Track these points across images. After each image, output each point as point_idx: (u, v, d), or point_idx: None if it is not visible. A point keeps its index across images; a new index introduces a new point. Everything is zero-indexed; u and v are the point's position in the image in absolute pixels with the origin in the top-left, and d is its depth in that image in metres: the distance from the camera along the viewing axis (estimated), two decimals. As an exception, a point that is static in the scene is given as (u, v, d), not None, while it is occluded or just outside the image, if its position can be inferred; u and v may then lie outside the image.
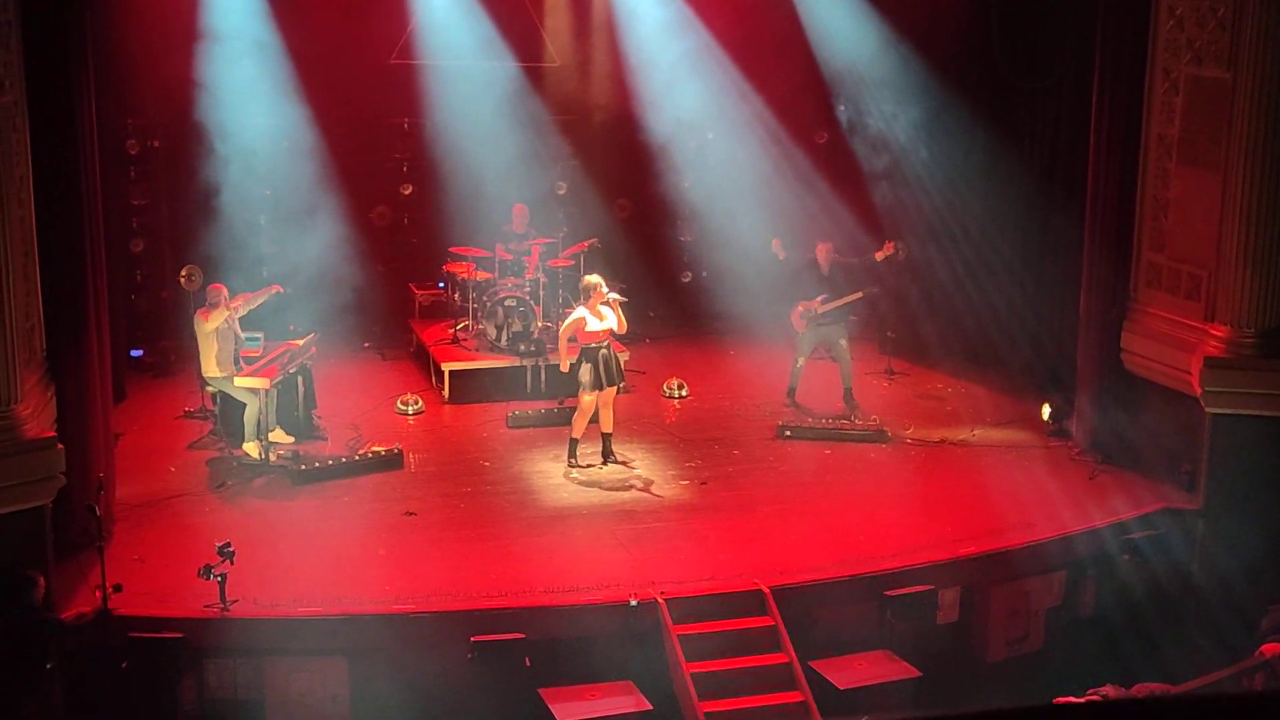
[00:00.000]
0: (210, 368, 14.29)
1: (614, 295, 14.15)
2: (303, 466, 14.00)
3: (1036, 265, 16.47)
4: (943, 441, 15.28)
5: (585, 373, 14.03)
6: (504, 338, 16.43)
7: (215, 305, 14.23)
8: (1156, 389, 14.14)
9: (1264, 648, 11.02)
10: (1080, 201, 14.83)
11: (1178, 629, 13.00)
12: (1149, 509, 13.51)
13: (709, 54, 18.16)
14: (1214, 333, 13.35)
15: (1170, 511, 13.49)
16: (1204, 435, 13.41)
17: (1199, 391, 13.28)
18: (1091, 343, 14.66)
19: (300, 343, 14.86)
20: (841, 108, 18.30)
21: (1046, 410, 15.42)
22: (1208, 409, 13.31)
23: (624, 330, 14.37)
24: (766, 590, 11.82)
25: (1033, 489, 13.95)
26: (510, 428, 15.46)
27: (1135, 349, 14.35)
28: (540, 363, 16.28)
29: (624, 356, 16.03)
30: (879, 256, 16.04)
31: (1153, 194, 14.17)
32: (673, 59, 18.20)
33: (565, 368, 14.25)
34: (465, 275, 16.97)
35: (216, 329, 14.13)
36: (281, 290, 15.30)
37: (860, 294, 16.05)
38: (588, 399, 14.11)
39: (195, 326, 14.33)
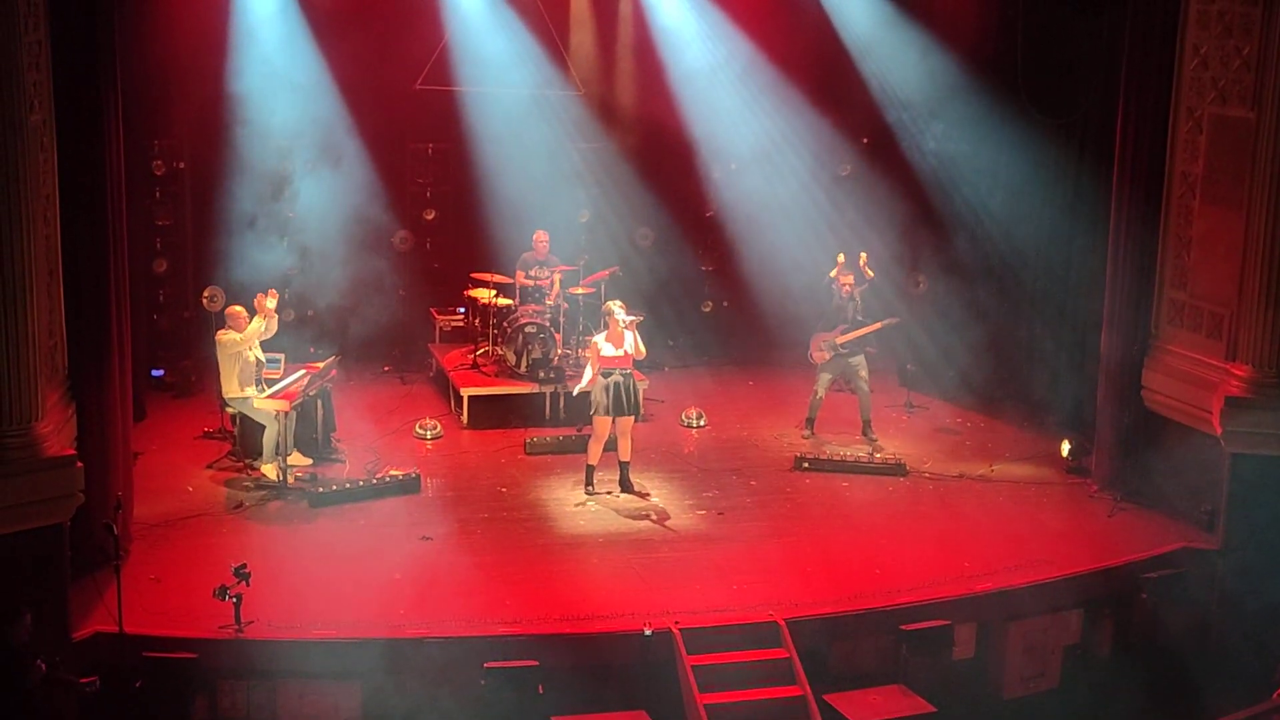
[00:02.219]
0: (230, 389, 14.35)
1: (629, 318, 14.15)
2: (320, 489, 14.02)
3: (1058, 300, 16.43)
4: (961, 476, 15.23)
5: (598, 396, 14.05)
6: (523, 364, 16.46)
7: (235, 328, 14.30)
8: (1177, 427, 14.08)
9: (1282, 691, 10.95)
10: (1103, 238, 14.82)
11: (1196, 669, 12.91)
12: (1168, 548, 13.44)
13: (734, 85, 18.23)
14: (1235, 372, 13.31)
15: (1190, 551, 13.41)
16: (1224, 475, 13.35)
17: (1220, 431, 13.23)
18: (1112, 379, 14.62)
19: (320, 365, 14.91)
20: (865, 140, 18.31)
21: (1066, 447, 15.38)
22: (1228, 448, 13.25)
23: (643, 356, 14.36)
24: (782, 622, 11.78)
25: (1051, 526, 13.92)
26: (528, 454, 15.47)
27: (1156, 387, 14.31)
28: (559, 389, 16.31)
29: (643, 385, 16.03)
30: (859, 265, 15.94)
31: (1175, 231, 14.15)
32: (697, 89, 18.28)
33: (575, 390, 14.46)
34: (486, 301, 17.02)
35: (237, 350, 14.20)
36: (275, 296, 15.18)
37: (879, 325, 16.04)
38: (600, 423, 14.13)
39: (216, 347, 14.39)
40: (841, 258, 16.04)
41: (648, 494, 14.44)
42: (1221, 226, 13.59)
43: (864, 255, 16.12)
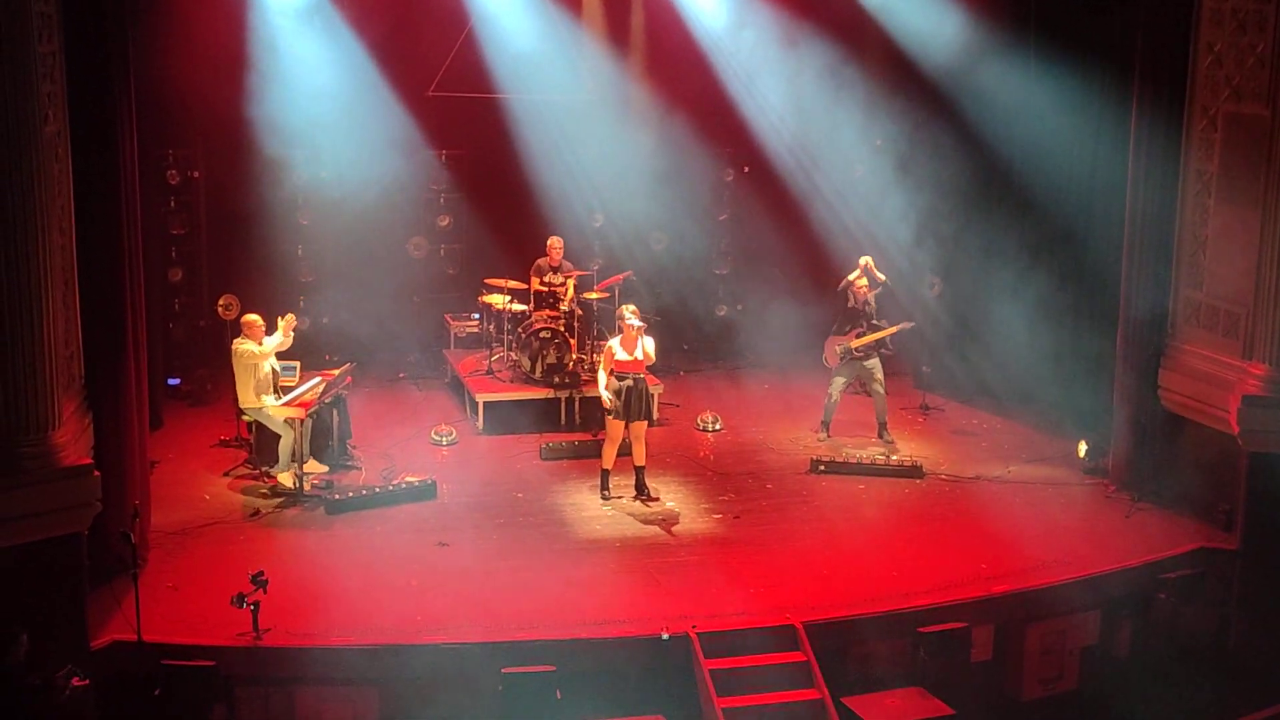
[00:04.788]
0: (246, 397, 14.38)
1: (636, 323, 14.13)
2: (336, 496, 14.04)
3: (1073, 300, 16.39)
4: (978, 478, 15.21)
5: (610, 399, 14.03)
6: (538, 369, 16.47)
7: (249, 337, 14.34)
8: (1194, 427, 14.04)
9: (1301, 690, 10.90)
10: (1118, 237, 14.78)
11: (1214, 670, 12.86)
12: (1186, 548, 13.40)
13: (744, 88, 18.19)
14: (1253, 371, 13.26)
15: (1207, 551, 13.37)
16: (1242, 474, 13.31)
17: (1237, 430, 13.19)
18: (1129, 379, 14.58)
19: (336, 373, 14.93)
20: (879, 142, 18.28)
21: (1083, 447, 15.33)
22: (1246, 447, 13.21)
23: (651, 361, 14.30)
24: (799, 625, 11.77)
25: (1068, 526, 13.88)
26: (543, 459, 15.47)
27: (1173, 386, 14.26)
28: (574, 395, 16.31)
29: (657, 390, 16.03)
30: (892, 332, 15.97)
31: (1191, 230, 14.11)
32: (709, 92, 18.26)
33: (607, 403, 14.20)
34: (500, 307, 17.03)
35: (253, 360, 14.23)
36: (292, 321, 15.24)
37: (894, 329, 16.03)
38: (612, 426, 14.13)
39: (233, 357, 14.42)
40: (863, 262, 16.00)
41: (664, 498, 14.42)
42: (1237, 224, 13.54)
43: (869, 260, 16.07)
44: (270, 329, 14.63)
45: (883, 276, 16.07)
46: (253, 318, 14.54)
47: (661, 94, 18.60)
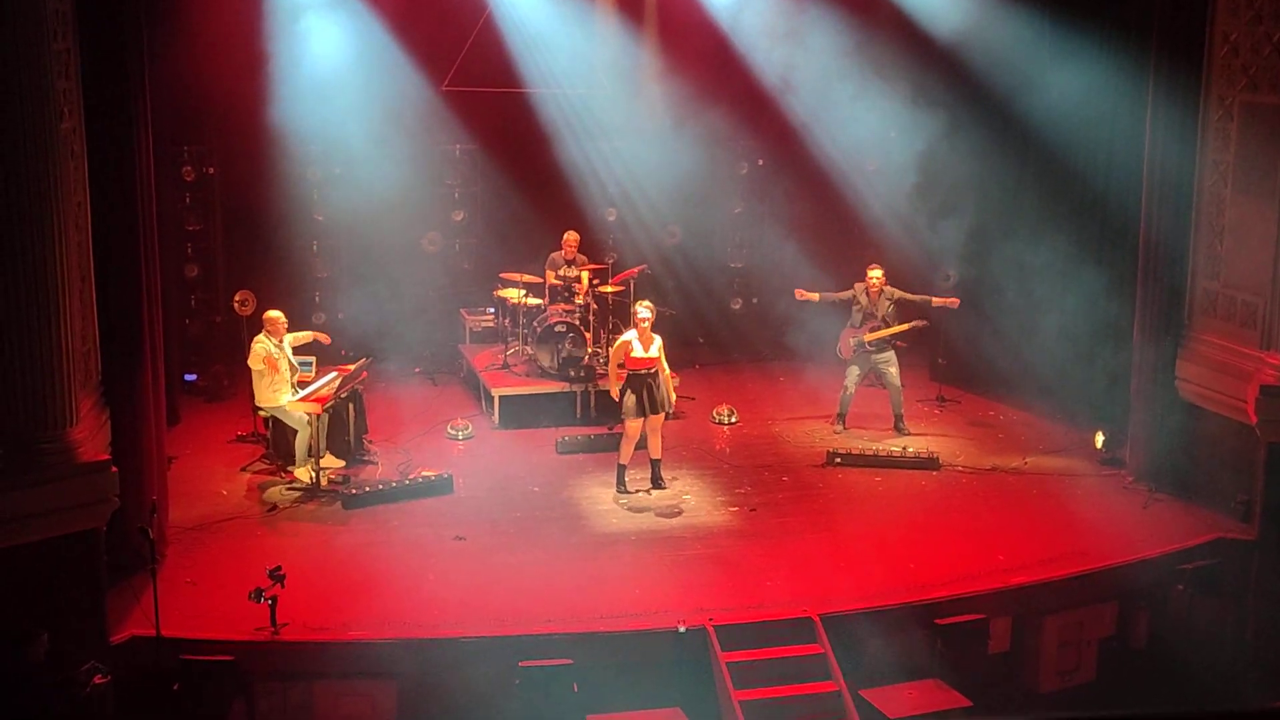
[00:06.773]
0: (263, 393, 14.41)
1: (650, 318, 14.12)
2: (353, 491, 14.07)
3: (1090, 291, 16.33)
4: (995, 469, 15.19)
5: (629, 398, 14.04)
6: (554, 364, 16.48)
7: (270, 333, 14.37)
8: (1212, 417, 14.00)
9: (1321, 681, 10.87)
10: (1135, 228, 14.73)
11: (1232, 661, 12.83)
12: (1203, 539, 13.37)
13: (757, 83, 18.15)
14: (1270, 361, 13.22)
15: (1225, 542, 13.34)
16: (1260, 464, 13.27)
17: (1255, 420, 13.15)
18: (1146, 370, 14.54)
19: (352, 368, 14.96)
20: (893, 135, 18.25)
21: (1100, 438, 15.30)
22: (1264, 438, 13.16)
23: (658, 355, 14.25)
24: (816, 618, 11.77)
25: (1085, 518, 13.84)
26: (559, 453, 15.48)
27: (1190, 377, 14.22)
28: (590, 388, 16.32)
29: (675, 382, 16.02)
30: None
31: (1208, 221, 14.06)
32: (721, 86, 18.23)
33: (615, 394, 14.26)
34: (515, 301, 17.04)
35: (269, 355, 14.26)
36: (327, 340, 15.40)
37: (908, 326, 16.00)
38: (632, 425, 14.12)
39: (250, 353, 14.45)
40: (876, 276, 15.96)
41: (680, 491, 14.40)
42: (1254, 215, 13.50)
43: (881, 273, 16.00)
44: (292, 326, 14.69)
45: (897, 293, 16.01)
46: (275, 314, 14.57)
47: (677, 87, 18.55)
